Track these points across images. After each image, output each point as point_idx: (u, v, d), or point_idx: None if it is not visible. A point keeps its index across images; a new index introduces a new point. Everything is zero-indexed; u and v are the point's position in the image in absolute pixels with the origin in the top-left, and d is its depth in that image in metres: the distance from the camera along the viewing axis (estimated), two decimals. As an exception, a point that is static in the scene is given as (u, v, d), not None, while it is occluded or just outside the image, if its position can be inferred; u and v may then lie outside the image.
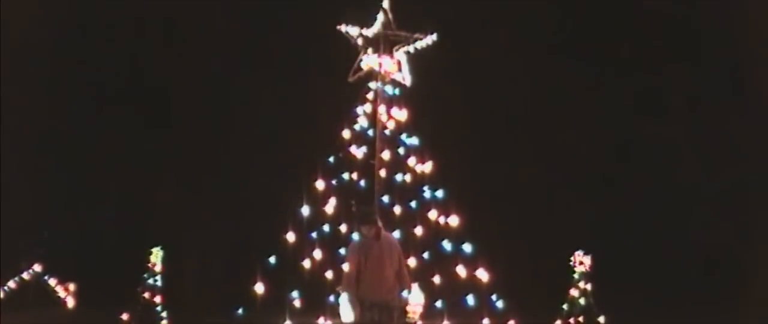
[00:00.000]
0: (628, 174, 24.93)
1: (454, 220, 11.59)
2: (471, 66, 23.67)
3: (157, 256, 17.98)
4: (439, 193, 11.94)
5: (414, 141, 12.33)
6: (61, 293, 22.84)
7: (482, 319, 11.17)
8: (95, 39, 24.71)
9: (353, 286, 9.97)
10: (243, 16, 24.17)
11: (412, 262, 11.23)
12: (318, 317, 11.07)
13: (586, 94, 24.58)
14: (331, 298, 10.94)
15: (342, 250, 11.26)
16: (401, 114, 12.41)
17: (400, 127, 12.33)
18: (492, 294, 11.27)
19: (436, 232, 11.64)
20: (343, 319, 9.98)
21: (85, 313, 21.61)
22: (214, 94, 25.00)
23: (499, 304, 11.33)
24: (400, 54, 12.84)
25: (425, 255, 11.56)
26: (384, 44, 12.64)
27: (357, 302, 9.86)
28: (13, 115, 22.93)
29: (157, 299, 17.90)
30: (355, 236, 10.45)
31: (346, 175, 11.94)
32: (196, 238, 25.77)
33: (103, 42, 24.71)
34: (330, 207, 11.60)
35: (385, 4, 12.89)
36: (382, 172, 11.92)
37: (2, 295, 21.72)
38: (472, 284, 11.13)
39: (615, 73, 24.49)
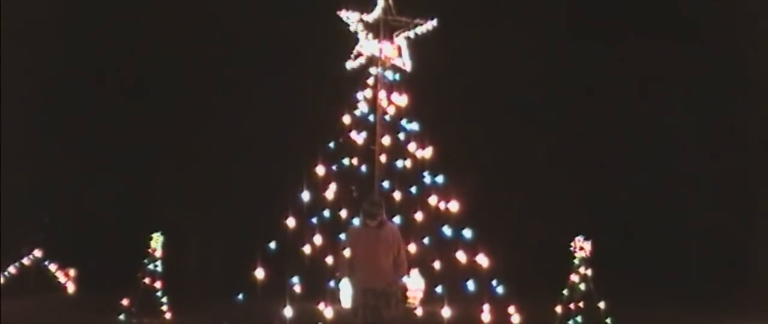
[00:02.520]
0: (629, 160, 24.93)
1: (454, 206, 11.57)
2: (471, 51, 23.64)
3: (157, 241, 17.93)
4: (440, 179, 11.93)
5: (414, 126, 12.31)
6: (62, 279, 22.86)
7: (482, 304, 11.17)
8: (95, 23, 24.68)
9: (347, 271, 10.04)
10: (244, 0, 24.17)
11: (412, 247, 11.21)
12: (318, 302, 11.08)
13: (587, 80, 24.57)
14: (332, 283, 10.95)
15: (342, 236, 11.26)
16: (401, 99, 12.38)
17: (401, 113, 12.30)
18: (492, 279, 11.27)
19: (437, 217, 11.63)
20: (343, 304, 10.01)
21: (85, 298, 21.62)
22: (215, 79, 24.98)
23: (500, 289, 11.33)
24: (401, 39, 12.81)
25: (425, 240, 11.55)
26: (384, 30, 12.61)
27: (352, 287, 9.91)
28: (14, 101, 22.94)
29: (158, 285, 17.86)
30: (355, 221, 10.45)
31: (346, 161, 11.92)
32: (197, 224, 25.79)
33: (103, 25, 24.69)
34: (330, 192, 11.59)
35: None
36: (383, 158, 11.89)
37: (3, 281, 21.75)
38: (473, 270, 11.13)
39: (616, 59, 24.47)
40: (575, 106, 24.90)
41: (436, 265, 11.35)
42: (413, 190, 11.99)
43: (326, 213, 11.57)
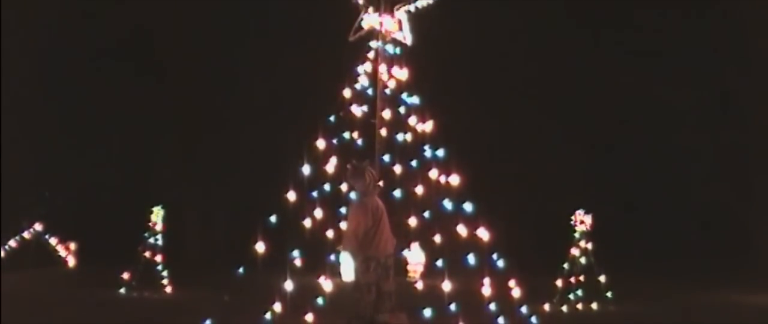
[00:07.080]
0: (630, 134, 24.92)
1: (454, 180, 11.54)
2: (471, 25, 23.56)
3: (157, 215, 17.99)
4: (440, 153, 11.89)
5: (415, 100, 12.26)
6: (62, 252, 22.91)
7: (483, 278, 11.16)
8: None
9: (355, 244, 9.93)
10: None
11: (412, 221, 11.22)
12: (318, 276, 11.08)
13: (588, 54, 24.50)
14: (332, 256, 10.94)
15: (343, 210, 11.24)
16: (402, 73, 12.32)
17: (401, 87, 12.24)
18: (493, 253, 11.24)
19: (437, 191, 11.60)
20: (344, 277, 9.98)
21: (85, 272, 21.69)
22: (216, 53, 24.93)
23: (500, 263, 11.31)
24: (401, 13, 12.73)
25: (426, 214, 11.54)
26: (385, 3, 12.52)
27: (356, 261, 9.89)
28: (13, 76, 22.90)
29: (158, 258, 17.94)
30: (353, 196, 10.45)
31: (346, 135, 11.87)
32: (197, 198, 25.83)
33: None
34: (331, 166, 11.56)
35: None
36: (383, 132, 11.84)
37: (3, 254, 21.77)
38: (473, 243, 11.11)
39: (617, 33, 24.40)
40: (575, 79, 24.86)
41: (437, 239, 11.33)
42: (414, 163, 11.95)
43: (327, 187, 11.54)
